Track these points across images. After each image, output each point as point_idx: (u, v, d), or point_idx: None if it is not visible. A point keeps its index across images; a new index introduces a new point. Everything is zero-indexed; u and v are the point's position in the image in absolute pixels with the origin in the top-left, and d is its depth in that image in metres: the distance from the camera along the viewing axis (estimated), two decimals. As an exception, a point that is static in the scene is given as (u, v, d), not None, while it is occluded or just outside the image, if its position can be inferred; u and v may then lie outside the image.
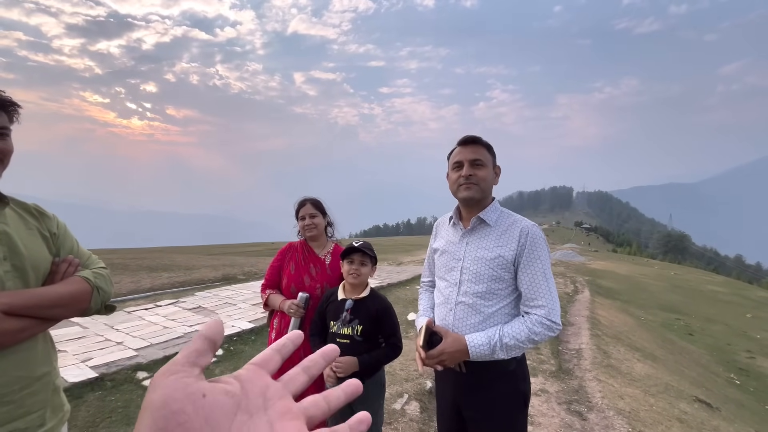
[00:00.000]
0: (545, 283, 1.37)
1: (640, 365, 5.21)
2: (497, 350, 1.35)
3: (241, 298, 6.33)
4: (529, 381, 1.49)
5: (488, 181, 1.48)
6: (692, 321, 12.39)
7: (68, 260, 1.14)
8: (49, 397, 1.08)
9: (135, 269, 8.59)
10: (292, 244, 2.33)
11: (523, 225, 1.45)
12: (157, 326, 4.60)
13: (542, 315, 1.35)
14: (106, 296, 1.19)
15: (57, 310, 1.05)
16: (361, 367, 1.72)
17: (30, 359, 1.03)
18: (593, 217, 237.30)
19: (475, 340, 1.37)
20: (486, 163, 1.47)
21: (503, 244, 1.43)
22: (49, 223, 1.16)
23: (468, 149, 1.49)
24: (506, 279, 1.42)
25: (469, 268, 1.47)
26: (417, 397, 3.22)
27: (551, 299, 1.37)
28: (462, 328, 1.46)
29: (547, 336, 1.35)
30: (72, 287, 1.10)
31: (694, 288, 20.38)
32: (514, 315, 1.44)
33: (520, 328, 1.35)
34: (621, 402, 3.63)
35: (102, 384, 3.14)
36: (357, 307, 1.82)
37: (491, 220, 1.48)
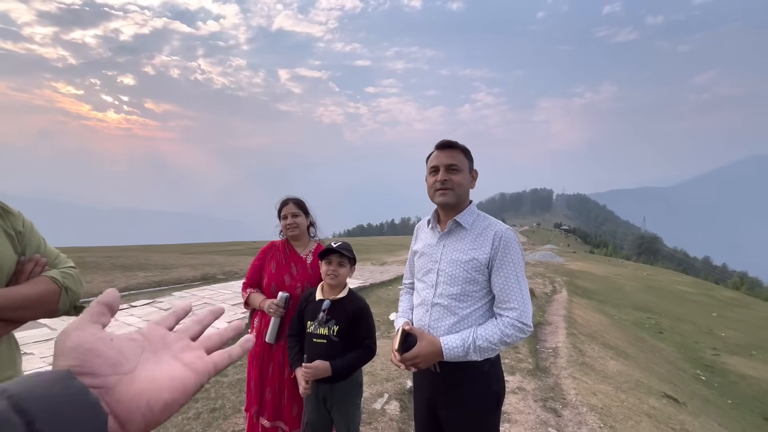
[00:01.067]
0: (517, 286, 1.40)
1: (613, 363, 5.39)
2: (470, 352, 1.38)
3: (220, 298, 6.20)
4: (503, 382, 1.52)
5: (464, 186, 1.50)
6: (663, 320, 12.91)
7: (34, 259, 1.10)
8: None
9: (108, 268, 8.29)
10: (274, 243, 2.31)
11: (497, 229, 1.47)
12: (131, 327, 4.46)
13: (514, 317, 1.38)
14: (75, 297, 1.14)
15: (22, 311, 1.01)
16: (333, 372, 1.71)
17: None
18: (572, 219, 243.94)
19: (449, 342, 1.40)
20: (462, 168, 1.49)
21: (477, 246, 1.46)
22: (14, 220, 1.11)
23: (444, 154, 1.50)
24: (480, 281, 1.45)
25: (445, 270, 1.49)
26: (397, 397, 3.24)
27: (523, 302, 1.40)
28: (438, 329, 1.49)
29: (518, 338, 1.38)
30: (39, 288, 1.05)
31: (665, 288, 21.24)
32: (489, 317, 1.47)
33: (493, 330, 1.38)
34: (594, 398, 3.75)
35: (71, 387, 3.02)
36: (334, 307, 1.82)
37: (467, 224, 1.51)
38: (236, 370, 3.58)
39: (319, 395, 1.79)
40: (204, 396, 3.08)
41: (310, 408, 1.83)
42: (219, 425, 2.70)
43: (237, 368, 3.62)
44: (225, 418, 2.79)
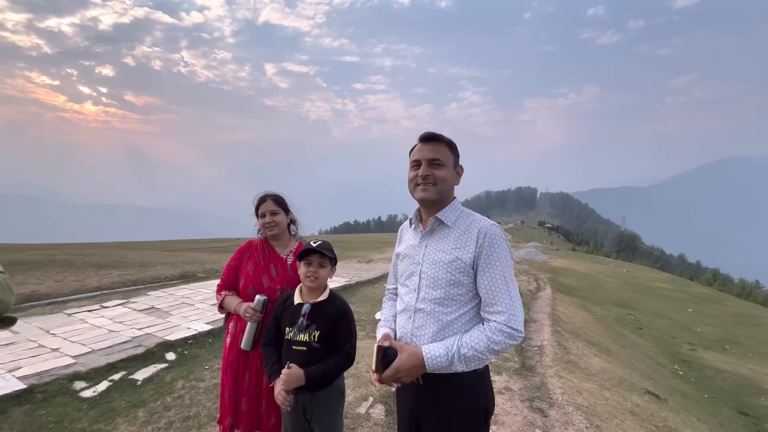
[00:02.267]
0: (505, 287, 1.28)
1: (596, 360, 5.44)
2: (455, 362, 1.26)
3: (199, 297, 5.97)
4: (492, 396, 1.42)
5: (447, 182, 1.39)
6: (642, 316, 13.25)
7: None
8: None
9: (81, 266, 7.91)
10: (252, 242, 2.17)
11: (482, 225, 1.36)
12: (101, 330, 4.22)
13: (501, 322, 1.26)
14: (2, 308, 1.01)
15: None
16: (308, 381, 1.59)
17: None
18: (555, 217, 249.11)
19: (431, 352, 1.28)
20: (445, 163, 1.38)
21: (461, 245, 1.35)
22: None
23: (427, 147, 1.40)
24: (466, 283, 1.33)
25: (428, 273, 1.38)
26: (382, 400, 3.14)
27: (512, 305, 1.28)
28: (420, 337, 1.37)
29: (507, 345, 1.26)
30: None
31: (643, 285, 21.85)
32: (477, 322, 1.35)
33: (479, 338, 1.26)
34: (579, 397, 3.74)
35: (31, 396, 2.80)
36: (315, 311, 1.69)
37: (450, 221, 1.40)
38: (213, 374, 3.41)
39: (299, 405, 1.66)
40: (177, 403, 2.91)
41: (290, 419, 1.70)
42: (193, 435, 2.54)
43: (215, 372, 3.46)
44: (199, 427, 2.63)
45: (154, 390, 3.08)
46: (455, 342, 1.28)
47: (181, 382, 3.23)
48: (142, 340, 3.95)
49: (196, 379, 3.32)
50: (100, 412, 2.73)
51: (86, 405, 2.80)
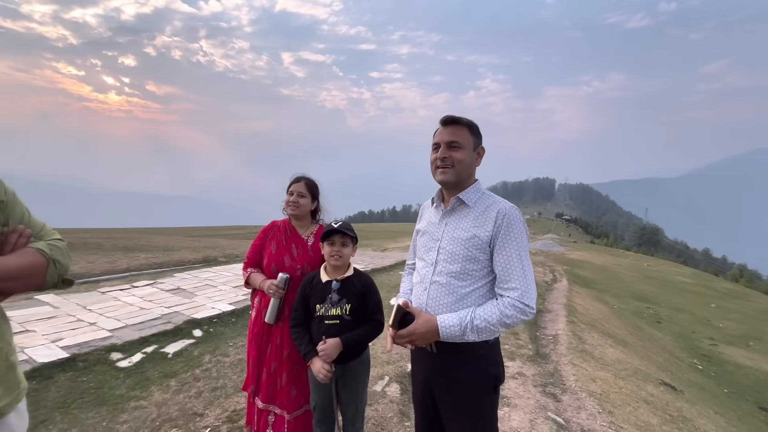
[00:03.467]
0: (519, 266, 1.35)
1: (611, 350, 5.42)
2: (468, 332, 1.34)
3: (221, 280, 6.22)
4: (502, 366, 1.49)
5: (466, 164, 1.44)
6: (661, 310, 12.98)
7: (18, 230, 1.05)
8: (2, 374, 1.01)
9: (110, 249, 8.30)
10: (275, 223, 2.27)
11: (501, 206, 1.42)
12: (133, 307, 4.47)
13: (515, 297, 1.32)
14: (63, 269, 1.10)
15: (10, 283, 0.97)
16: (344, 346, 1.71)
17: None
18: (574, 209, 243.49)
19: (446, 321, 1.36)
20: (464, 145, 1.43)
21: (480, 224, 1.41)
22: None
23: (447, 130, 1.45)
24: (481, 260, 1.40)
25: (446, 248, 1.45)
26: (397, 380, 3.26)
27: (525, 282, 1.34)
28: (435, 308, 1.45)
29: (519, 320, 1.33)
30: (25, 259, 1.01)
31: (664, 279, 21.30)
32: (491, 298, 1.42)
33: (492, 311, 1.34)
34: (593, 385, 3.77)
35: (73, 365, 3.04)
36: (343, 287, 1.80)
37: (470, 201, 1.46)
38: (237, 351, 3.60)
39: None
40: (206, 375, 3.10)
41: (320, 390, 1.82)
42: (220, 404, 2.71)
43: (238, 349, 3.64)
44: (226, 397, 2.80)
45: (184, 363, 3.28)
46: (469, 313, 1.36)
47: (208, 357, 3.42)
48: (171, 318, 4.17)
49: (221, 354, 3.51)
50: (136, 380, 2.94)
51: (123, 374, 3.01)
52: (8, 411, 1.03)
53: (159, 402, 2.68)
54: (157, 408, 2.61)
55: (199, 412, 2.60)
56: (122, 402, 2.65)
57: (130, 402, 2.66)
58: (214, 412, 2.62)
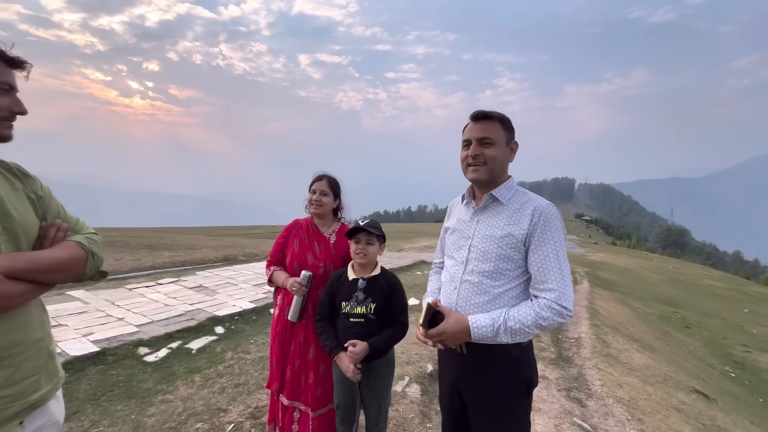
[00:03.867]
0: (557, 266, 1.30)
1: (638, 355, 5.23)
2: (501, 333, 1.29)
3: (242, 278, 6.32)
4: (536, 369, 1.44)
5: (498, 160, 1.39)
6: (689, 314, 12.46)
7: (56, 225, 1.11)
8: (43, 363, 1.06)
9: (136, 247, 8.57)
10: (298, 221, 2.29)
11: (537, 204, 1.37)
12: (158, 303, 4.60)
13: (551, 299, 1.27)
14: (99, 262, 1.16)
15: (54, 274, 1.03)
16: (371, 350, 1.70)
17: (26, 324, 1.02)
18: (594, 210, 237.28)
19: (478, 322, 1.32)
20: (497, 141, 1.38)
21: (514, 222, 1.36)
22: (34, 184, 1.12)
23: (478, 126, 1.40)
24: (516, 259, 1.35)
25: (478, 246, 1.41)
26: (418, 380, 3.23)
27: (563, 283, 1.29)
28: (466, 308, 1.41)
29: (556, 322, 1.28)
30: (68, 252, 1.07)
31: (692, 282, 20.45)
32: (525, 299, 1.37)
33: (527, 312, 1.29)
34: (620, 390, 3.64)
35: (103, 358, 3.14)
36: (369, 285, 1.79)
37: (504, 198, 1.41)
38: (258, 348, 3.64)
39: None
40: (228, 371, 3.15)
41: (344, 388, 1.81)
42: (243, 400, 2.75)
43: (260, 346, 3.69)
44: (249, 393, 2.84)
45: (207, 359, 3.35)
46: (502, 314, 1.31)
47: (230, 354, 3.48)
48: (194, 314, 4.27)
49: (243, 351, 3.56)
50: (162, 374, 3.02)
51: (150, 368, 3.10)
52: (49, 398, 1.08)
53: (184, 396, 2.74)
54: (183, 402, 2.67)
55: (223, 408, 2.64)
56: (150, 395, 2.72)
57: (157, 396, 2.73)
58: (237, 408, 2.65)
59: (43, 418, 1.07)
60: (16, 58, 1.00)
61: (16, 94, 1.02)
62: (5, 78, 0.99)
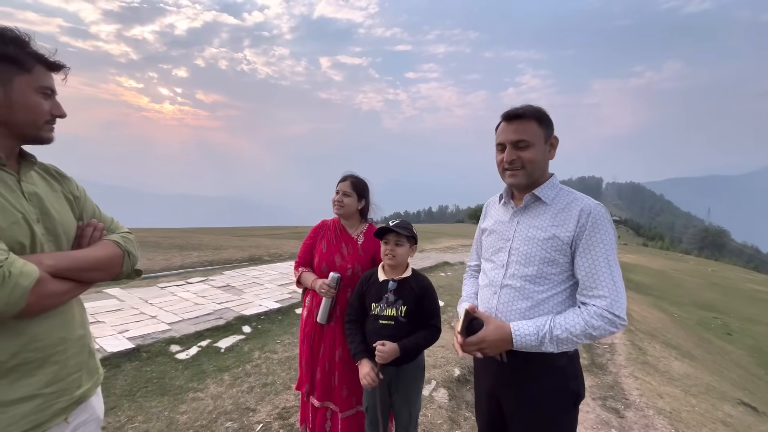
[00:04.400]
0: (608, 270, 1.21)
1: (677, 364, 4.95)
2: (546, 342, 1.21)
3: (267, 278, 6.42)
4: (583, 380, 1.35)
5: (537, 162, 1.30)
6: (731, 320, 11.74)
7: (93, 224, 1.14)
8: (85, 360, 1.10)
9: (167, 247, 8.88)
10: (325, 222, 2.27)
11: (585, 204, 1.27)
12: (188, 302, 4.72)
13: (603, 306, 1.18)
14: (135, 260, 1.19)
15: (95, 273, 1.07)
16: (402, 352, 1.66)
17: (69, 321, 1.05)
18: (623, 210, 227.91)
19: (521, 329, 1.24)
20: (534, 142, 1.28)
21: (559, 223, 1.28)
22: (70, 185, 1.16)
23: (511, 127, 1.30)
24: (561, 263, 1.27)
25: (519, 249, 1.33)
26: (445, 385, 3.16)
27: (615, 289, 1.20)
28: (507, 314, 1.33)
29: (607, 331, 1.18)
30: (107, 251, 1.11)
31: (732, 286, 19.27)
32: (570, 305, 1.29)
33: (575, 320, 1.20)
34: (660, 401, 3.45)
35: (138, 355, 3.24)
36: (400, 287, 1.75)
37: (548, 198, 1.33)
38: (285, 348, 3.67)
39: (384, 378, 1.74)
40: (256, 371, 3.18)
41: (370, 392, 1.78)
42: (271, 400, 2.77)
43: (286, 346, 3.72)
44: (276, 393, 2.86)
45: (236, 358, 3.40)
46: (547, 322, 1.23)
47: (257, 353, 3.52)
48: (222, 314, 4.36)
49: (269, 351, 3.59)
50: (193, 372, 3.08)
51: (181, 366, 3.17)
52: (91, 394, 1.12)
53: (214, 395, 2.79)
54: (213, 401, 2.71)
55: (252, 407, 2.67)
56: (181, 393, 2.78)
57: (189, 393, 2.78)
58: (265, 408, 2.67)
59: (86, 413, 1.10)
60: (56, 62, 1.02)
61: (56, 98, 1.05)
62: (47, 83, 1.01)
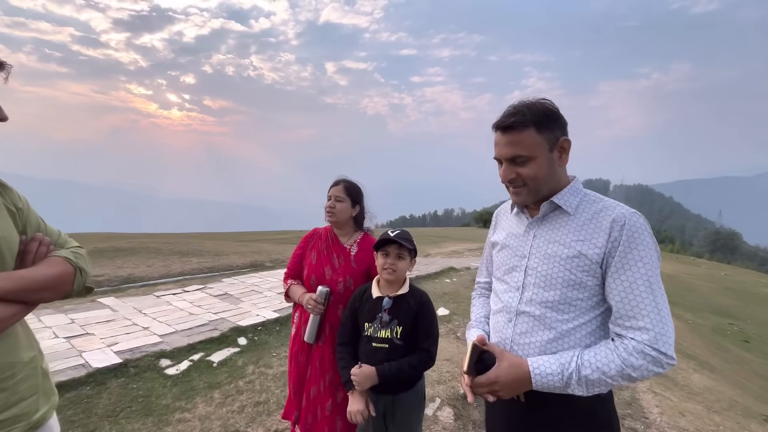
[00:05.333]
0: (650, 296, 0.96)
1: (697, 376, 4.68)
2: (573, 383, 0.99)
3: (267, 285, 6.27)
4: (618, 424, 1.10)
5: (542, 177, 1.08)
6: (747, 327, 11.35)
7: (38, 239, 1.02)
8: (39, 382, 1.02)
9: (167, 253, 8.78)
10: (317, 231, 2.10)
11: (618, 212, 1.03)
12: (183, 312, 4.58)
13: (644, 341, 0.94)
14: (87, 277, 1.09)
15: (44, 293, 0.96)
16: (381, 378, 1.46)
17: (15, 345, 0.95)
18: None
19: (541, 367, 1.02)
20: (533, 155, 1.06)
21: (586, 237, 1.04)
22: (13, 196, 1.02)
23: (505, 139, 1.09)
24: (589, 286, 1.04)
25: (537, 269, 1.11)
26: (450, 402, 2.95)
27: (660, 319, 0.95)
28: (525, 347, 1.10)
29: (651, 372, 0.95)
30: (56, 268, 0.99)
31: (748, 290, 18.72)
32: (601, 337, 1.06)
33: (610, 357, 0.97)
34: (683, 420, 3.20)
35: (125, 370, 3.09)
36: (396, 305, 1.56)
37: (569, 206, 1.10)
38: (281, 362, 3.49)
39: (379, 408, 1.55)
40: (249, 388, 3.01)
41: (367, 422, 1.60)
42: (263, 421, 2.59)
43: (282, 360, 3.54)
44: (269, 414, 2.68)
45: (228, 373, 3.23)
46: (574, 358, 1.00)
47: (251, 368, 3.35)
48: (218, 324, 4.20)
49: (264, 365, 3.42)
50: (182, 390, 2.91)
51: (170, 382, 3.01)
52: (49, 416, 1.05)
53: (202, 415, 2.61)
54: (201, 422, 2.54)
55: (241, 430, 2.49)
56: (167, 413, 2.61)
57: (175, 414, 2.62)
58: (256, 430, 2.49)
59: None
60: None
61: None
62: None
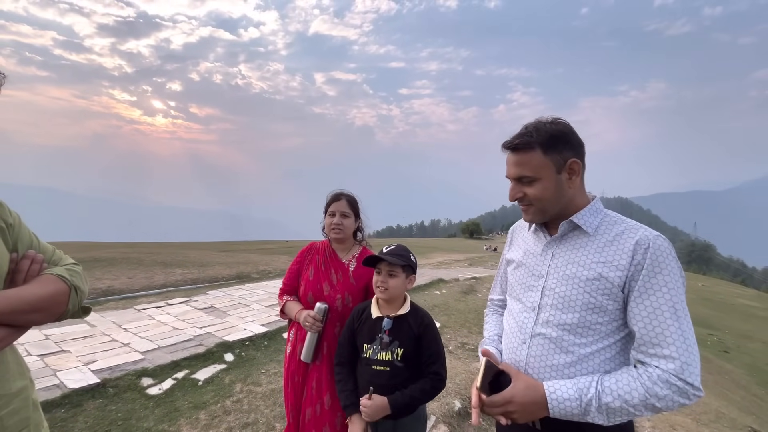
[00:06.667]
0: (675, 322, 0.93)
1: (684, 388, 4.75)
2: (592, 411, 0.94)
3: (254, 298, 6.11)
4: None
5: (548, 198, 1.08)
6: (726, 337, 11.68)
7: (30, 256, 0.94)
8: (30, 415, 0.93)
9: (149, 264, 8.49)
10: (314, 245, 2.05)
11: (642, 235, 1.00)
12: (166, 327, 4.39)
13: (670, 371, 0.91)
14: (83, 296, 1.01)
15: (35, 315, 0.88)
16: (393, 408, 1.41)
17: (4, 374, 0.86)
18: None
19: (558, 391, 0.97)
20: (539, 175, 1.06)
21: (607, 259, 1.01)
22: (3, 211, 0.94)
23: (512, 159, 1.09)
24: (610, 310, 1.01)
25: (555, 290, 1.08)
26: (445, 420, 2.89)
27: (686, 348, 0.91)
28: (540, 370, 1.06)
29: (677, 404, 0.91)
30: (49, 288, 0.91)
31: (724, 301, 19.33)
32: (621, 362, 1.02)
33: (633, 385, 0.93)
34: (674, 434, 3.22)
35: (104, 391, 2.92)
36: (396, 326, 1.50)
37: (590, 227, 1.08)
38: (270, 379, 3.37)
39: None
40: (236, 407, 2.88)
41: None
42: (251, 444, 2.47)
43: (271, 377, 3.41)
44: (257, 435, 2.56)
45: (215, 392, 3.09)
46: (593, 384, 0.96)
47: (239, 386, 3.22)
48: (203, 340, 4.04)
49: (253, 383, 3.29)
50: (165, 411, 2.76)
51: (152, 403, 2.85)
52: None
53: (187, 439, 2.48)
54: (185, 446, 2.40)
55: (229, 454, 2.36)
56: (149, 437, 2.47)
57: (157, 437, 2.47)
58: (244, 454, 2.37)
59: None
60: None
61: None
62: None
